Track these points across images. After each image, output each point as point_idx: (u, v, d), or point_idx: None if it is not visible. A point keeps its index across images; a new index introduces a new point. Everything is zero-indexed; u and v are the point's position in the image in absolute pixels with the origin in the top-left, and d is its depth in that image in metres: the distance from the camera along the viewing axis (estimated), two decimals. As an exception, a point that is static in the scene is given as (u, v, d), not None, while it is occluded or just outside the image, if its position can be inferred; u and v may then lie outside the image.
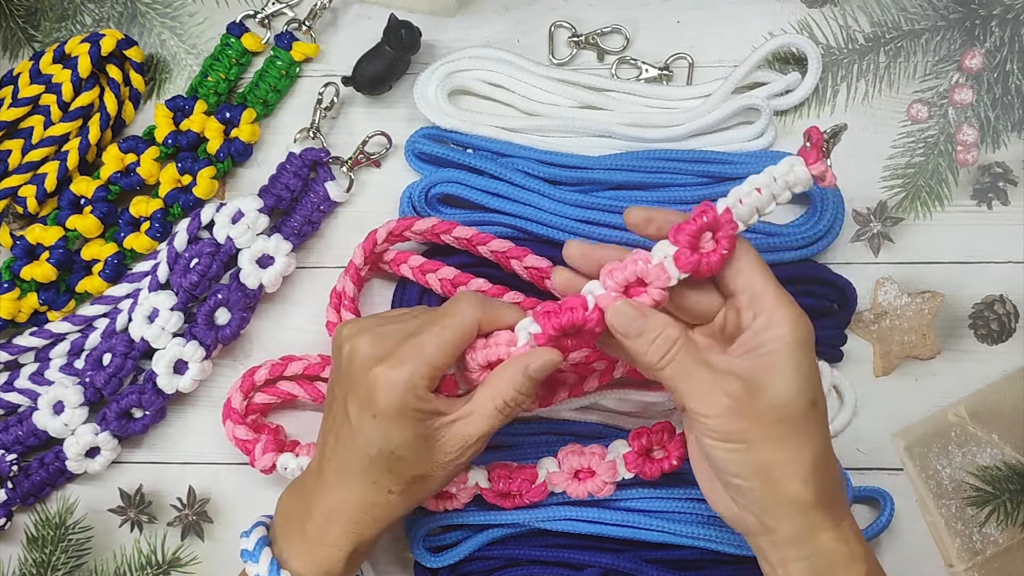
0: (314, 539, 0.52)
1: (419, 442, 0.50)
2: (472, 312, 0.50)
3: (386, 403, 0.49)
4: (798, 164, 0.48)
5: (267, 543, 0.53)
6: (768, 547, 0.48)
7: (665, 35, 0.66)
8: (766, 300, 0.47)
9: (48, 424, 0.63)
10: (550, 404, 0.61)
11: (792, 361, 0.46)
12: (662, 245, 0.48)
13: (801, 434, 0.47)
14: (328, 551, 0.52)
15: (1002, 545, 0.63)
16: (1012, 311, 0.64)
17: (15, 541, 0.66)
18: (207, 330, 0.62)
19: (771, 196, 0.48)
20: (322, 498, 0.52)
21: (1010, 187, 0.64)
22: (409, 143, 0.65)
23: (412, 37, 0.64)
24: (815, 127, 0.47)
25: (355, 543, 0.52)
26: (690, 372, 0.47)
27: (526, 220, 0.63)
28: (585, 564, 0.61)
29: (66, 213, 0.64)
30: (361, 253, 0.62)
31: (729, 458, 0.47)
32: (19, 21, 0.69)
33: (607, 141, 0.65)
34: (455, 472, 0.53)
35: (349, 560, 0.52)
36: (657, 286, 0.48)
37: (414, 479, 0.51)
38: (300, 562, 0.52)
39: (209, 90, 0.66)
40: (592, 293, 0.49)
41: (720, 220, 0.48)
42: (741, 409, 0.46)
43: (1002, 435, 0.63)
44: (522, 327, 0.50)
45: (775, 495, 0.46)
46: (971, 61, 0.65)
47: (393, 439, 0.49)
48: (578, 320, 0.49)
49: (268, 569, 0.51)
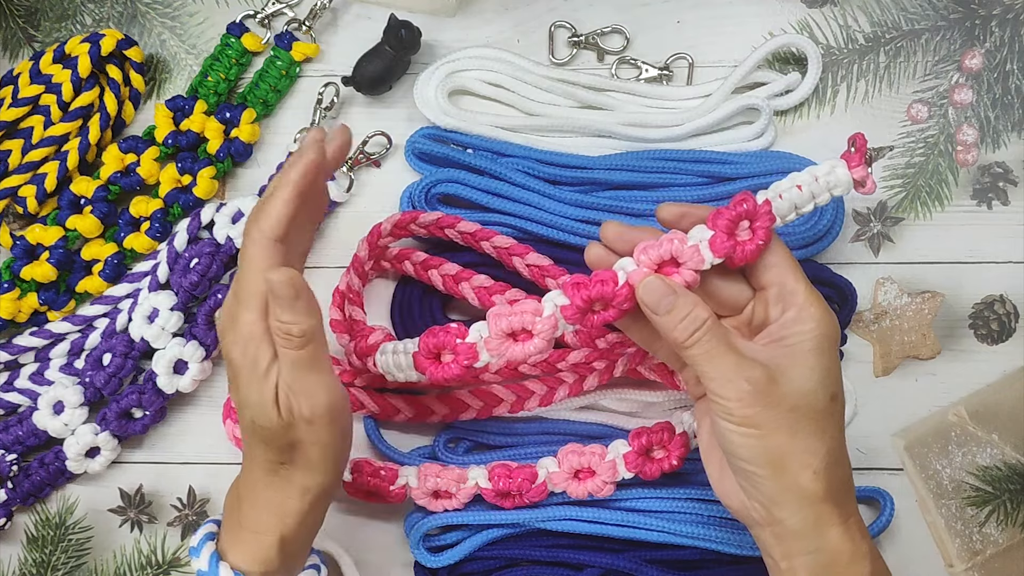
0: (244, 526, 0.51)
1: (260, 398, 0.48)
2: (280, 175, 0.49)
3: (226, 350, 0.48)
4: (840, 166, 0.49)
5: (212, 538, 0.53)
6: (773, 540, 0.48)
7: (665, 35, 0.66)
8: (797, 297, 0.48)
9: (48, 424, 0.63)
10: (550, 404, 0.61)
11: (816, 354, 0.47)
12: (699, 229, 0.49)
13: (817, 427, 0.47)
14: (256, 537, 0.51)
15: (1002, 545, 0.63)
16: (1012, 311, 0.64)
17: (15, 541, 0.66)
18: (207, 330, 0.62)
19: (811, 195, 0.49)
20: (244, 485, 0.52)
21: (1010, 187, 0.64)
22: (409, 143, 0.65)
23: (412, 37, 0.64)
24: (860, 134, 0.48)
25: (279, 529, 0.51)
26: (715, 354, 0.47)
27: (526, 220, 0.63)
28: (585, 564, 0.61)
29: (66, 213, 0.64)
30: (366, 246, 0.62)
31: (743, 443, 0.47)
32: (19, 21, 0.69)
33: (607, 141, 0.65)
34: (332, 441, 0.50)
35: (281, 548, 0.51)
36: (690, 267, 0.48)
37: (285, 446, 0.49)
38: (236, 552, 0.51)
39: (209, 90, 0.66)
40: (624, 269, 0.49)
41: (759, 211, 0.48)
42: (761, 395, 0.46)
43: (1002, 435, 0.63)
44: (549, 298, 0.50)
45: (785, 485, 0.46)
46: (971, 61, 0.65)
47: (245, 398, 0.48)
48: (607, 293, 0.48)
49: (208, 562, 0.51)
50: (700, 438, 0.52)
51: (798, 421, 0.46)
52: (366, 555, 0.63)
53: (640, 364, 0.60)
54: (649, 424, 0.58)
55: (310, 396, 0.48)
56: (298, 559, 0.53)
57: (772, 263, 0.49)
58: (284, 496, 0.51)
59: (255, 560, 0.51)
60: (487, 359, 0.51)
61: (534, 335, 0.50)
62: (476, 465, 0.60)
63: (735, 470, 0.48)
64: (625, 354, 0.60)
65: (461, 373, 0.51)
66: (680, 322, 0.47)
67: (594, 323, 0.50)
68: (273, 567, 0.51)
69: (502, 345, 0.50)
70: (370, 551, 0.64)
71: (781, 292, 0.48)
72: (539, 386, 0.61)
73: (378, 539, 0.64)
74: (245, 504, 0.51)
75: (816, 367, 0.47)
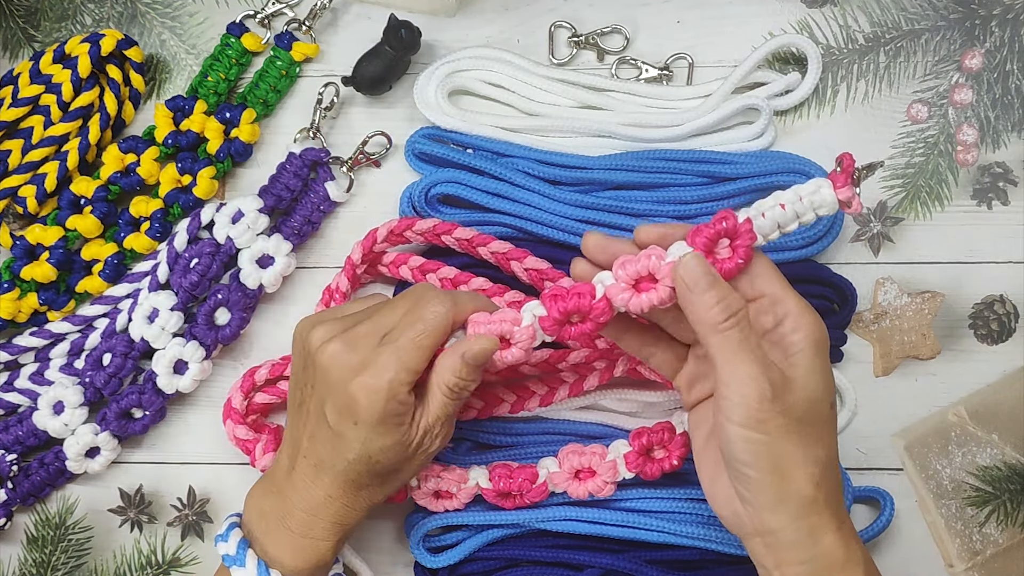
0: (300, 534, 0.53)
1: (397, 445, 0.52)
2: (444, 312, 0.51)
3: (369, 412, 0.50)
4: (825, 186, 0.48)
5: (248, 544, 0.54)
6: (765, 550, 0.48)
7: (665, 35, 0.66)
8: (788, 306, 0.48)
9: (48, 424, 0.63)
10: (550, 404, 0.61)
11: (818, 363, 0.47)
12: (678, 246, 0.48)
13: (819, 434, 0.47)
14: (316, 544, 0.54)
15: (1002, 545, 0.63)
16: (1012, 311, 0.64)
17: (15, 541, 0.66)
18: (207, 330, 0.62)
19: (795, 214, 0.49)
20: (303, 495, 0.53)
21: (1010, 187, 0.64)
22: (409, 143, 0.65)
23: (412, 37, 0.64)
24: (848, 154, 0.48)
25: (340, 534, 0.54)
26: (745, 347, 0.47)
27: (526, 220, 0.63)
28: (585, 564, 0.61)
29: (66, 213, 0.64)
30: (360, 250, 0.62)
31: (749, 448, 0.46)
32: (19, 21, 0.69)
33: (607, 141, 0.65)
34: (427, 461, 0.55)
35: (334, 549, 0.55)
36: (667, 284, 0.48)
37: (389, 473, 0.53)
38: (289, 558, 0.53)
39: (209, 90, 0.66)
40: (602, 283, 0.49)
41: (739, 229, 0.48)
42: (777, 400, 0.46)
43: (1002, 435, 0.63)
44: (528, 309, 0.50)
45: (786, 492, 0.46)
46: (971, 61, 0.65)
47: (374, 444, 0.51)
48: (584, 306, 0.49)
49: (257, 570, 0.52)
50: (695, 444, 0.52)
51: (804, 429, 0.47)
52: (366, 555, 0.63)
53: (640, 364, 0.60)
54: (649, 424, 0.58)
55: (446, 437, 0.54)
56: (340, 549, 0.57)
57: (755, 275, 0.49)
58: (354, 509, 0.54)
59: (309, 564, 0.54)
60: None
61: (512, 344, 0.51)
62: (477, 465, 0.60)
63: (734, 475, 0.48)
64: (625, 354, 0.60)
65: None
66: (716, 304, 0.47)
67: (572, 335, 0.50)
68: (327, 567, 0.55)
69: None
70: (370, 551, 0.64)
71: (771, 302, 0.48)
72: (539, 386, 0.61)
73: (378, 539, 0.64)
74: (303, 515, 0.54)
75: (821, 375, 0.47)
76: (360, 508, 0.54)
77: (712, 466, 0.50)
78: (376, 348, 0.51)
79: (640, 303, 0.49)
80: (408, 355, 0.50)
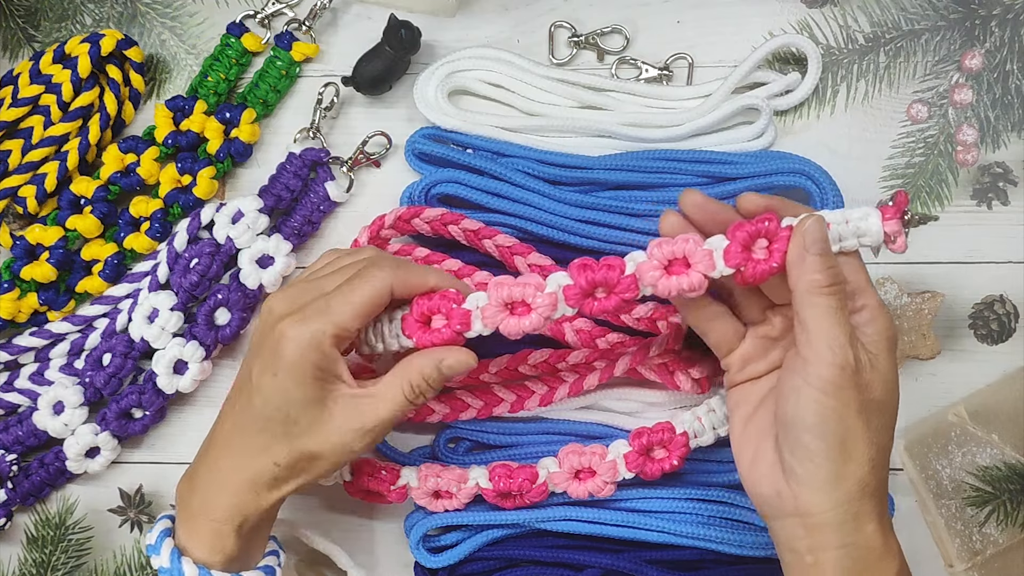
0: (199, 512, 0.51)
1: (315, 406, 0.50)
2: (384, 276, 0.50)
3: (288, 358, 0.49)
4: (874, 215, 0.48)
5: (169, 534, 0.52)
6: (803, 531, 0.47)
7: (665, 35, 0.66)
8: (868, 298, 0.49)
9: (48, 424, 0.63)
10: (550, 403, 0.61)
11: (891, 357, 0.49)
12: (718, 238, 0.49)
13: (884, 424, 0.48)
14: (214, 526, 0.51)
15: (1002, 545, 0.63)
16: (1012, 311, 0.64)
17: (15, 541, 0.66)
18: (207, 330, 0.62)
19: (838, 235, 0.49)
20: (209, 468, 0.52)
21: (1010, 187, 0.64)
22: (409, 143, 0.65)
23: (412, 37, 0.64)
24: (903, 191, 0.49)
25: (240, 517, 0.51)
26: (838, 315, 0.47)
27: (526, 220, 0.63)
28: (585, 564, 0.61)
29: (66, 213, 0.64)
30: (367, 234, 0.62)
31: (821, 413, 0.46)
32: (19, 21, 0.69)
33: (607, 141, 0.65)
34: (345, 459, 0.51)
35: (238, 536, 0.51)
36: (699, 270, 0.48)
37: (302, 455, 0.50)
38: (194, 543, 0.51)
39: (209, 90, 0.66)
40: (634, 260, 0.49)
41: (779, 233, 0.48)
42: (860, 374, 0.47)
43: (1002, 435, 0.63)
44: (554, 278, 0.50)
45: (843, 469, 0.46)
46: (971, 61, 0.65)
47: (291, 395, 0.49)
48: (612, 279, 0.49)
49: (170, 559, 0.50)
50: (733, 424, 0.53)
51: (874, 411, 0.47)
52: (365, 556, 0.63)
53: (640, 364, 0.60)
54: (649, 424, 0.58)
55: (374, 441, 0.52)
56: (259, 546, 0.54)
57: (846, 260, 0.49)
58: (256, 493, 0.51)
59: (214, 549, 0.51)
60: (480, 328, 0.50)
61: (532, 310, 0.50)
62: (476, 465, 0.60)
63: (793, 447, 0.47)
64: (625, 354, 0.60)
65: (450, 339, 0.50)
66: (827, 268, 0.47)
67: (594, 310, 0.50)
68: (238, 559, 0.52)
69: (498, 315, 0.50)
70: (370, 551, 0.64)
71: (853, 291, 0.49)
72: (539, 386, 0.61)
73: (378, 539, 0.64)
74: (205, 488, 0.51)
75: (892, 368, 0.48)
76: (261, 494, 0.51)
77: (755, 443, 0.50)
78: (310, 301, 0.50)
79: (668, 286, 0.49)
80: (337, 308, 0.49)
